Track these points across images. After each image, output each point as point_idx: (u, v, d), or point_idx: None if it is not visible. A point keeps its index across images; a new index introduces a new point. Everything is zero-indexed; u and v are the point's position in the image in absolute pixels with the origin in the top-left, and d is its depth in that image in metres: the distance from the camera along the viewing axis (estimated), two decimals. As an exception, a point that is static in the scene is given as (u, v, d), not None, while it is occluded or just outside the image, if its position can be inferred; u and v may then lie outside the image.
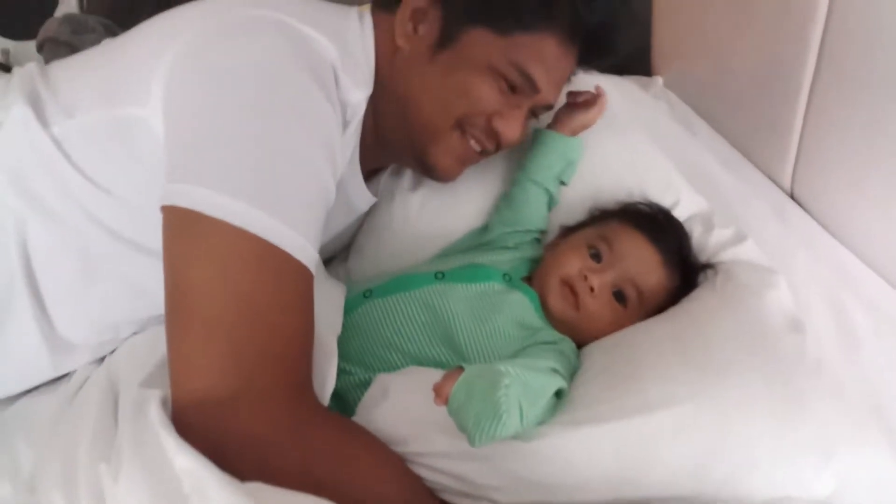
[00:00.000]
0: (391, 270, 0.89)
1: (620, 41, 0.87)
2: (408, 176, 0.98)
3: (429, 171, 0.87)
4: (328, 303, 0.77)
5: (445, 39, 0.80)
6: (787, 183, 1.14)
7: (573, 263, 0.83)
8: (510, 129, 0.83)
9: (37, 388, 0.78)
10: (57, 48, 1.54)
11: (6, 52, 2.10)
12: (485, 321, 0.78)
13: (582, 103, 0.95)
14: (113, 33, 1.59)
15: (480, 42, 0.79)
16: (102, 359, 0.78)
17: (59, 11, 1.97)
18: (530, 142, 0.96)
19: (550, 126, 0.96)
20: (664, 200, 0.96)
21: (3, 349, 0.74)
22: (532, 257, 0.92)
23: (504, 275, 0.85)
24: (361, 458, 0.63)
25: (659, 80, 1.44)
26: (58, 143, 0.70)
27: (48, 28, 1.59)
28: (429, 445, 0.65)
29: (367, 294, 0.82)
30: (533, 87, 0.81)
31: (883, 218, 0.94)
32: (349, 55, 0.75)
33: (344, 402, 0.74)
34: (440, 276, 0.83)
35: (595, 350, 0.79)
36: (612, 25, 0.85)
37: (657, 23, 1.46)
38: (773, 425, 0.64)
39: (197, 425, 0.57)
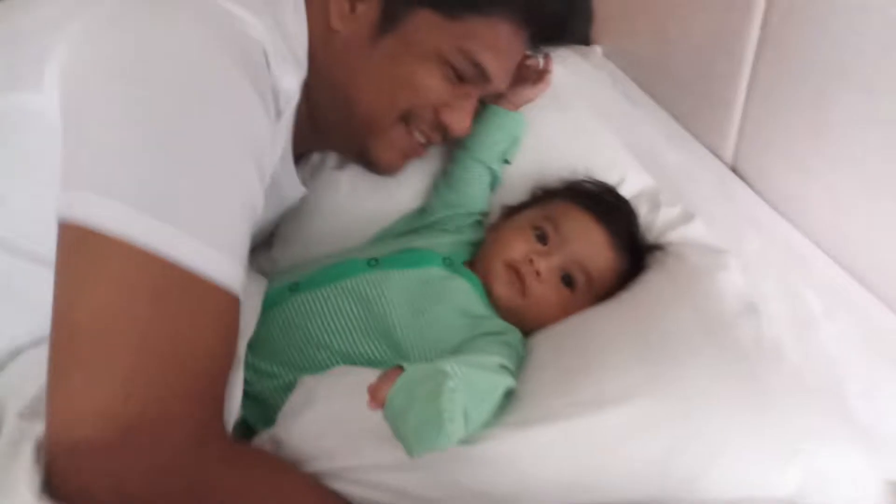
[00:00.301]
0: (320, 258, 0.82)
1: (576, 27, 0.81)
2: (334, 154, 0.91)
3: (370, 165, 0.80)
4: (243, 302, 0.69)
5: (388, 22, 0.72)
6: (729, 157, 1.12)
7: (518, 246, 0.77)
8: (459, 121, 0.77)
9: None
10: None
11: None
12: (425, 311, 0.72)
13: (527, 76, 0.89)
14: None
15: (427, 26, 0.71)
16: None
17: None
18: None
19: (493, 101, 0.89)
20: (610, 178, 0.91)
21: None
22: (473, 240, 0.86)
23: (444, 259, 0.79)
24: (272, 491, 0.55)
25: (598, 50, 1.40)
26: None
27: None
28: (359, 457, 0.58)
29: (293, 287, 0.74)
30: (484, 77, 0.75)
31: (827, 195, 0.93)
32: (280, 35, 0.64)
33: (266, 407, 0.67)
34: (373, 262, 0.76)
35: (543, 340, 0.74)
36: (571, 9, 0.79)
37: (596, -10, 1.41)
38: (737, 419, 0.60)
39: (71, 477, 0.48)
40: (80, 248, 0.52)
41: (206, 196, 0.55)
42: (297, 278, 0.75)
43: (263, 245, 0.92)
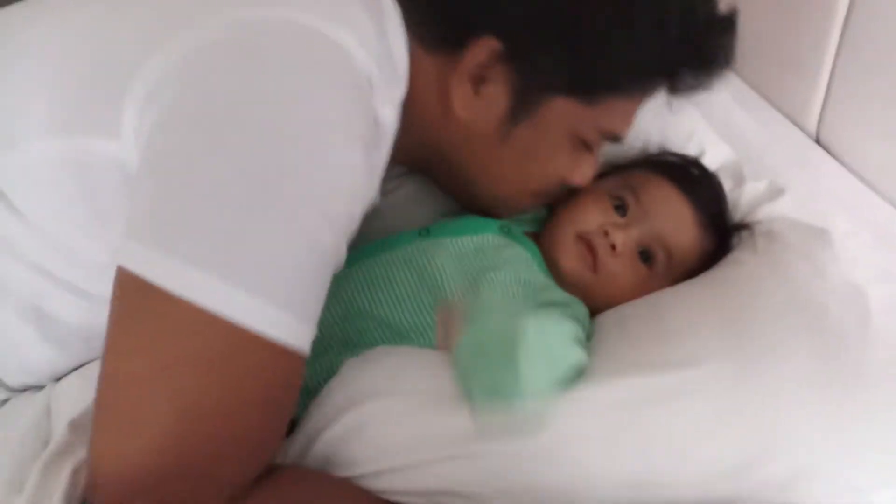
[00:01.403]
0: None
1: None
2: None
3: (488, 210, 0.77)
4: None
5: (521, 113, 0.64)
6: (812, 127, 1.05)
7: (593, 216, 0.72)
8: (583, 177, 0.73)
9: None
10: None
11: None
12: (479, 279, 0.66)
13: None
14: None
15: (563, 113, 0.64)
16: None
17: None
18: None
19: None
20: (688, 150, 0.86)
21: None
22: (535, 216, 0.81)
23: (501, 226, 0.73)
24: None
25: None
26: None
27: None
28: (405, 456, 0.55)
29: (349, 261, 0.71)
30: (616, 140, 0.70)
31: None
32: (383, 56, 0.57)
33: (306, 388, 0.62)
34: (425, 232, 0.72)
35: (611, 316, 0.68)
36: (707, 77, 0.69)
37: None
38: (834, 423, 0.55)
39: None
40: (132, 301, 0.48)
41: (279, 260, 0.49)
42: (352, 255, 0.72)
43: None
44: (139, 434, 0.46)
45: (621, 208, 0.73)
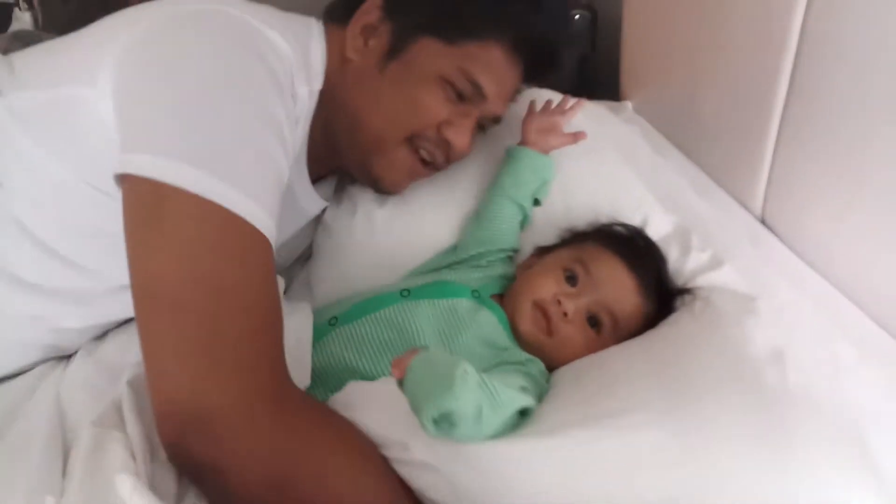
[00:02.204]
0: (358, 293, 0.84)
1: (566, 56, 0.89)
2: (370, 193, 0.95)
3: (374, 182, 0.86)
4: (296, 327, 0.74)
5: (394, 51, 0.81)
6: (758, 209, 1.12)
7: (547, 286, 0.79)
8: (460, 137, 0.83)
9: None
10: (4, 63, 1.49)
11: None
12: (451, 338, 0.74)
13: (553, 113, 0.96)
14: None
15: (429, 52, 0.80)
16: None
17: (13, 28, 1.93)
18: (503, 158, 0.95)
19: (521, 144, 0.94)
20: (634, 219, 0.93)
21: None
22: (503, 274, 0.88)
23: (473, 291, 0.81)
24: (338, 448, 0.60)
25: (629, 105, 1.43)
26: (11, 112, 0.70)
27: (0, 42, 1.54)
28: (389, 451, 0.61)
29: (333, 322, 0.77)
30: (481, 95, 0.82)
31: (861, 247, 0.92)
32: (301, 53, 0.75)
33: None
34: (406, 293, 0.79)
35: (565, 372, 0.75)
36: (557, 38, 0.86)
37: (626, 49, 1.45)
38: (758, 463, 0.58)
39: (174, 429, 0.56)
40: (144, 202, 0.60)
41: (244, 158, 0.63)
42: (336, 312, 0.78)
43: (301, 279, 0.97)
44: (185, 323, 0.57)
45: (572, 279, 0.80)
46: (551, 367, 0.76)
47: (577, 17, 1.47)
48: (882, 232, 0.87)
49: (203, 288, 0.57)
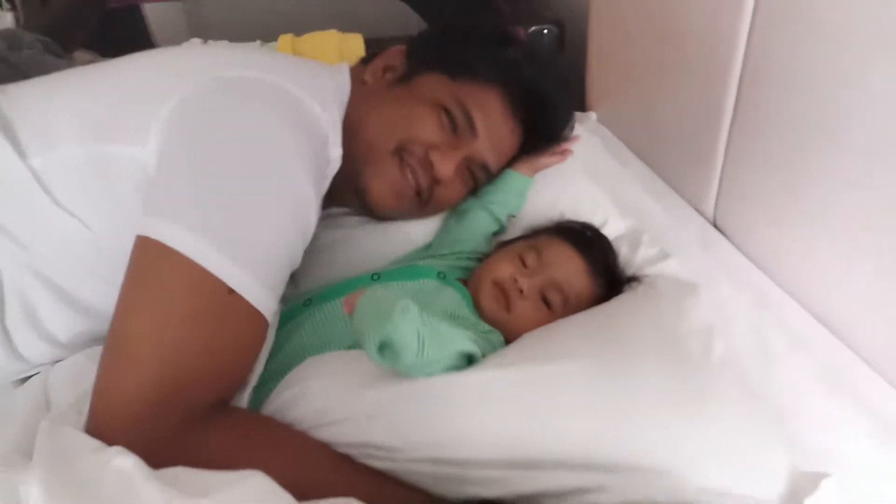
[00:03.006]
0: (334, 280, 0.91)
1: (560, 118, 0.98)
2: None
3: (362, 193, 0.88)
4: None
5: (405, 79, 0.89)
6: (710, 213, 1.20)
7: (505, 268, 0.86)
8: (444, 164, 0.87)
9: None
10: (-8, 63, 1.51)
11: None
12: None
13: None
14: (51, 51, 1.58)
15: (434, 82, 0.88)
16: None
17: (-4, 28, 1.94)
18: None
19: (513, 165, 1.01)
20: (593, 221, 1.01)
21: None
22: (468, 267, 0.95)
23: (439, 273, 0.88)
24: (265, 454, 0.63)
25: (593, 116, 1.51)
26: (36, 176, 0.70)
27: (-16, 43, 1.55)
28: (337, 412, 0.66)
29: (307, 303, 0.84)
30: (472, 129, 0.88)
31: (797, 247, 1.00)
32: (332, 114, 0.78)
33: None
34: (376, 276, 0.86)
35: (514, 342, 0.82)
36: (549, 92, 0.93)
37: (591, 62, 1.53)
38: (669, 411, 0.66)
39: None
40: (148, 260, 0.63)
41: (257, 238, 0.66)
42: (310, 295, 0.85)
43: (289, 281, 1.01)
44: (130, 375, 0.60)
45: (526, 263, 0.87)
46: (510, 342, 0.82)
47: (545, 31, 1.55)
48: (816, 232, 0.94)
49: (154, 350, 0.61)
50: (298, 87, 0.74)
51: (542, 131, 0.97)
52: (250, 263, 0.64)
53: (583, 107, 1.56)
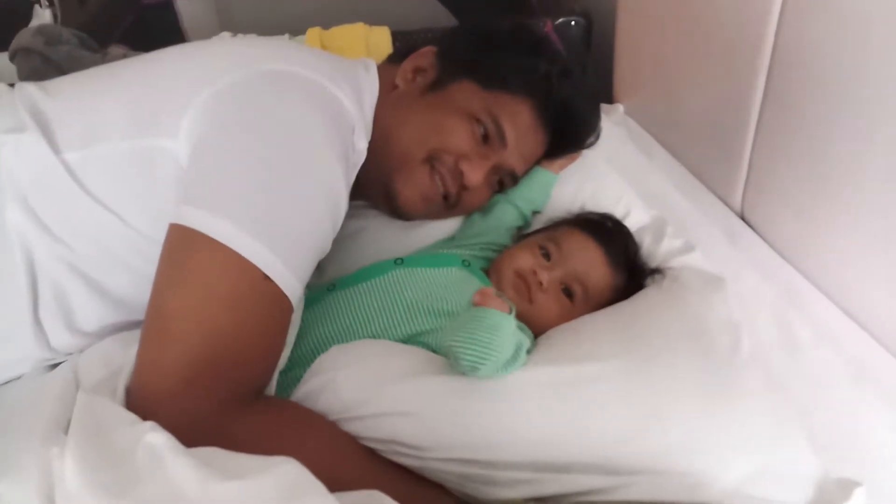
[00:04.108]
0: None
1: (587, 132, 0.99)
2: None
3: (392, 198, 0.90)
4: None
5: (436, 85, 0.89)
6: (737, 205, 1.19)
7: (525, 259, 0.87)
8: (474, 172, 0.88)
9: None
10: (29, 58, 1.55)
11: (-21, 64, 2.09)
12: (442, 303, 0.81)
13: None
14: (87, 46, 1.61)
15: (466, 92, 0.88)
16: None
17: (34, 23, 1.98)
18: None
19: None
20: (615, 212, 1.01)
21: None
22: (491, 258, 0.95)
23: (463, 261, 0.89)
24: (295, 443, 0.64)
25: (620, 108, 1.50)
26: (70, 171, 0.72)
27: (21, 38, 1.59)
28: (367, 406, 0.67)
29: (331, 287, 0.85)
30: (502, 140, 0.88)
31: (826, 240, 0.99)
32: (361, 110, 0.80)
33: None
34: (399, 261, 0.87)
35: (543, 337, 0.82)
36: (580, 108, 0.95)
37: (618, 55, 1.52)
38: (697, 410, 0.67)
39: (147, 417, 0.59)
40: (182, 246, 0.65)
41: (289, 226, 0.68)
42: (335, 280, 0.86)
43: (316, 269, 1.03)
44: (172, 351, 0.62)
45: (547, 255, 0.88)
46: (534, 334, 0.83)
47: (573, 23, 1.55)
48: (844, 225, 0.94)
49: (197, 328, 0.62)
50: (328, 80, 0.76)
51: (568, 141, 0.98)
52: (284, 251, 0.66)
53: (610, 98, 1.55)
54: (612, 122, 1.38)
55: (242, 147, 0.69)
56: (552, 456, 0.65)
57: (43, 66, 1.50)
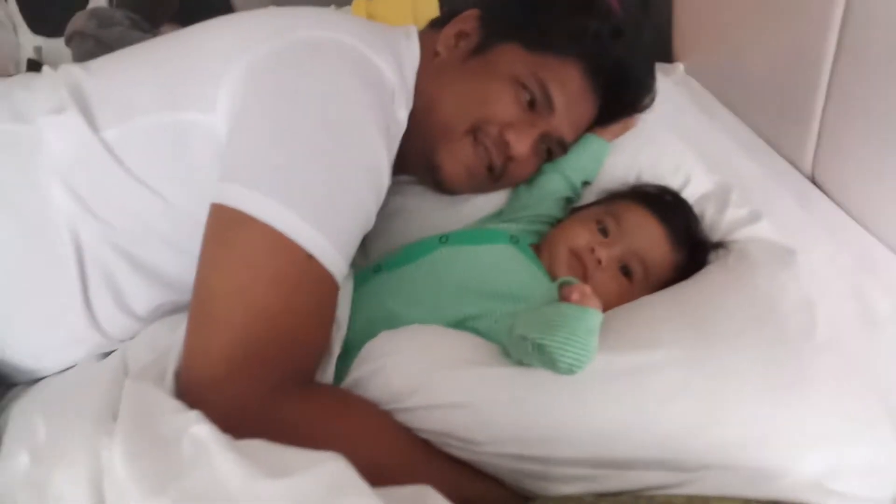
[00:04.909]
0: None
1: (642, 94, 0.92)
2: None
3: (435, 171, 0.87)
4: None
5: (479, 49, 0.85)
6: (808, 168, 1.12)
7: (582, 235, 0.83)
8: (520, 142, 0.84)
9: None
10: (83, 42, 1.58)
11: (38, 50, 2.14)
12: (490, 284, 0.78)
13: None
14: (139, 27, 1.62)
15: (510, 55, 0.83)
16: None
17: (90, 6, 2.02)
18: None
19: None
20: (674, 180, 0.96)
21: (51, 334, 0.76)
22: (540, 231, 0.91)
23: (511, 237, 0.85)
24: (346, 431, 0.63)
25: (680, 67, 1.44)
26: (109, 148, 0.71)
27: (75, 22, 1.62)
28: (420, 397, 0.65)
29: (377, 269, 0.83)
30: (549, 105, 0.84)
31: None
32: (402, 78, 0.78)
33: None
34: (444, 239, 0.84)
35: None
36: (633, 67, 0.89)
37: (678, 10, 1.45)
38: (768, 400, 0.63)
39: (194, 402, 0.59)
40: (227, 226, 0.64)
41: (333, 203, 0.66)
42: (380, 261, 0.84)
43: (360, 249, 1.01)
44: (219, 334, 0.61)
45: (604, 231, 0.84)
46: None
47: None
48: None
49: (244, 310, 0.61)
50: (367, 47, 0.74)
51: (622, 104, 0.93)
52: (328, 229, 0.64)
53: (669, 57, 1.48)
54: (672, 82, 1.32)
55: (281, 121, 0.67)
56: (613, 451, 0.62)
57: (96, 48, 1.53)
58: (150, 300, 0.78)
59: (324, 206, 0.65)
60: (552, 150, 0.90)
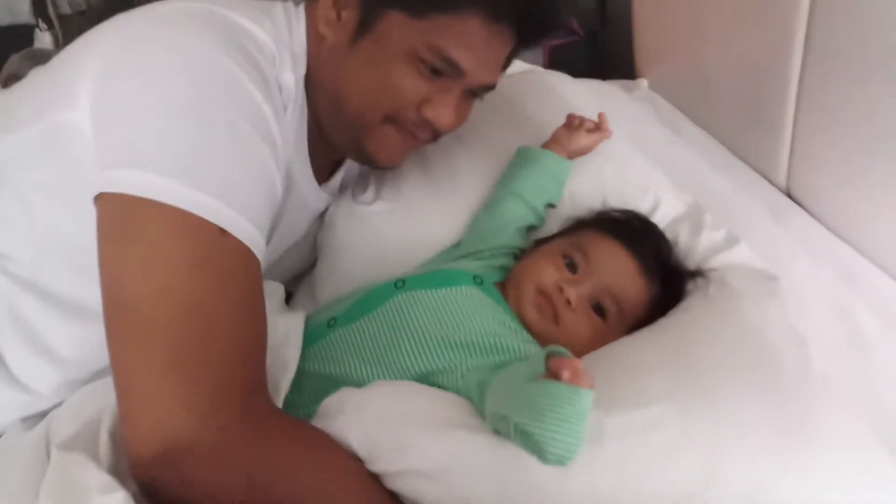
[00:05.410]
0: (357, 290, 0.82)
1: (562, 11, 0.81)
2: (370, 191, 0.93)
3: (370, 160, 0.82)
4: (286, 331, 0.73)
5: (364, 26, 0.75)
6: (782, 180, 1.09)
7: (549, 273, 0.77)
8: (442, 115, 0.77)
9: None
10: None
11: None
12: (454, 329, 0.72)
13: (581, 127, 0.91)
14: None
15: (398, 27, 0.73)
16: None
17: (35, 46, 1.96)
18: (519, 158, 0.91)
19: (546, 145, 0.91)
20: (643, 203, 0.90)
21: None
22: (504, 266, 0.85)
23: (474, 277, 0.79)
24: (317, 466, 0.59)
25: (643, 83, 1.41)
26: (3, 160, 0.68)
27: (10, 64, 1.56)
28: (388, 462, 0.60)
29: (332, 323, 0.76)
30: (458, 71, 0.75)
31: (884, 212, 0.89)
32: (283, 40, 0.73)
33: None
34: (400, 284, 0.77)
35: None
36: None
37: (638, 24, 1.43)
38: (772, 454, 0.58)
39: (144, 469, 0.54)
40: (119, 219, 0.58)
41: (229, 169, 0.61)
42: (335, 312, 0.77)
43: (306, 286, 0.95)
44: (155, 343, 0.54)
45: (572, 266, 0.78)
46: None
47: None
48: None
49: (176, 307, 0.55)
50: (234, 12, 0.69)
51: (541, 25, 0.81)
52: (229, 196, 0.59)
53: (631, 73, 1.44)
54: (636, 99, 1.28)
55: (148, 93, 0.61)
56: None
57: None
58: (71, 335, 0.71)
59: (217, 172, 0.60)
60: (479, 94, 0.83)
